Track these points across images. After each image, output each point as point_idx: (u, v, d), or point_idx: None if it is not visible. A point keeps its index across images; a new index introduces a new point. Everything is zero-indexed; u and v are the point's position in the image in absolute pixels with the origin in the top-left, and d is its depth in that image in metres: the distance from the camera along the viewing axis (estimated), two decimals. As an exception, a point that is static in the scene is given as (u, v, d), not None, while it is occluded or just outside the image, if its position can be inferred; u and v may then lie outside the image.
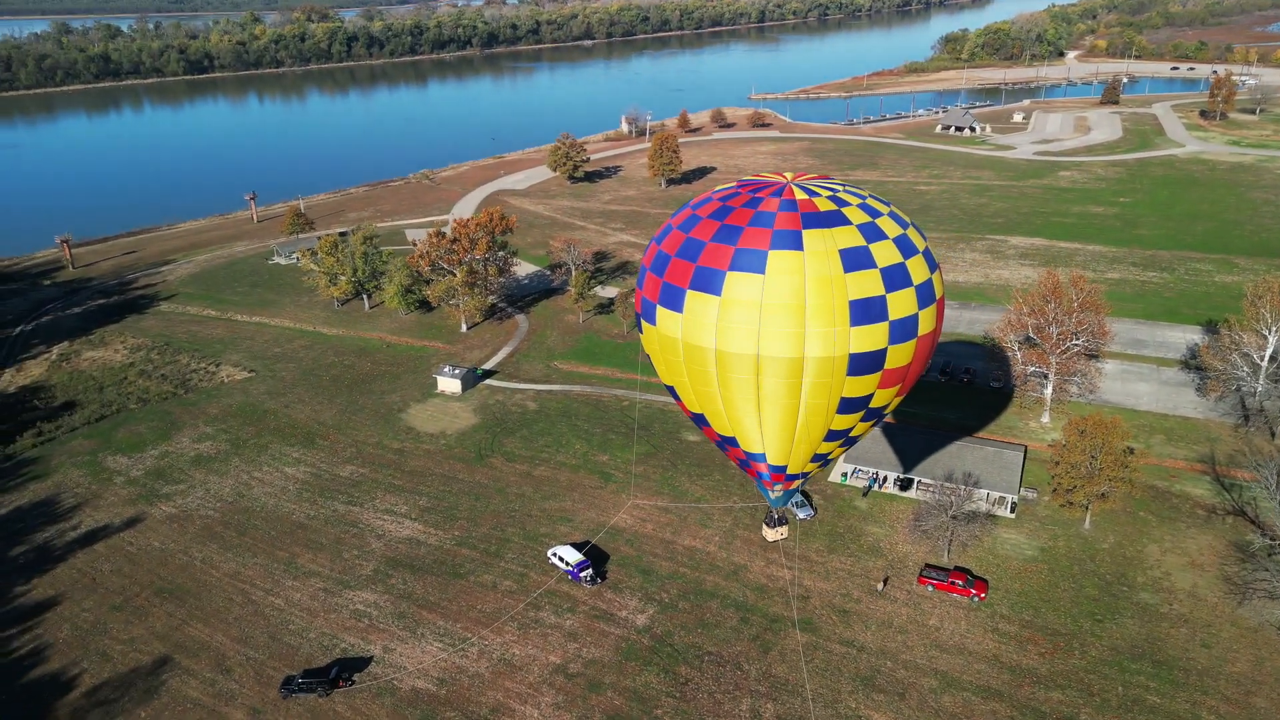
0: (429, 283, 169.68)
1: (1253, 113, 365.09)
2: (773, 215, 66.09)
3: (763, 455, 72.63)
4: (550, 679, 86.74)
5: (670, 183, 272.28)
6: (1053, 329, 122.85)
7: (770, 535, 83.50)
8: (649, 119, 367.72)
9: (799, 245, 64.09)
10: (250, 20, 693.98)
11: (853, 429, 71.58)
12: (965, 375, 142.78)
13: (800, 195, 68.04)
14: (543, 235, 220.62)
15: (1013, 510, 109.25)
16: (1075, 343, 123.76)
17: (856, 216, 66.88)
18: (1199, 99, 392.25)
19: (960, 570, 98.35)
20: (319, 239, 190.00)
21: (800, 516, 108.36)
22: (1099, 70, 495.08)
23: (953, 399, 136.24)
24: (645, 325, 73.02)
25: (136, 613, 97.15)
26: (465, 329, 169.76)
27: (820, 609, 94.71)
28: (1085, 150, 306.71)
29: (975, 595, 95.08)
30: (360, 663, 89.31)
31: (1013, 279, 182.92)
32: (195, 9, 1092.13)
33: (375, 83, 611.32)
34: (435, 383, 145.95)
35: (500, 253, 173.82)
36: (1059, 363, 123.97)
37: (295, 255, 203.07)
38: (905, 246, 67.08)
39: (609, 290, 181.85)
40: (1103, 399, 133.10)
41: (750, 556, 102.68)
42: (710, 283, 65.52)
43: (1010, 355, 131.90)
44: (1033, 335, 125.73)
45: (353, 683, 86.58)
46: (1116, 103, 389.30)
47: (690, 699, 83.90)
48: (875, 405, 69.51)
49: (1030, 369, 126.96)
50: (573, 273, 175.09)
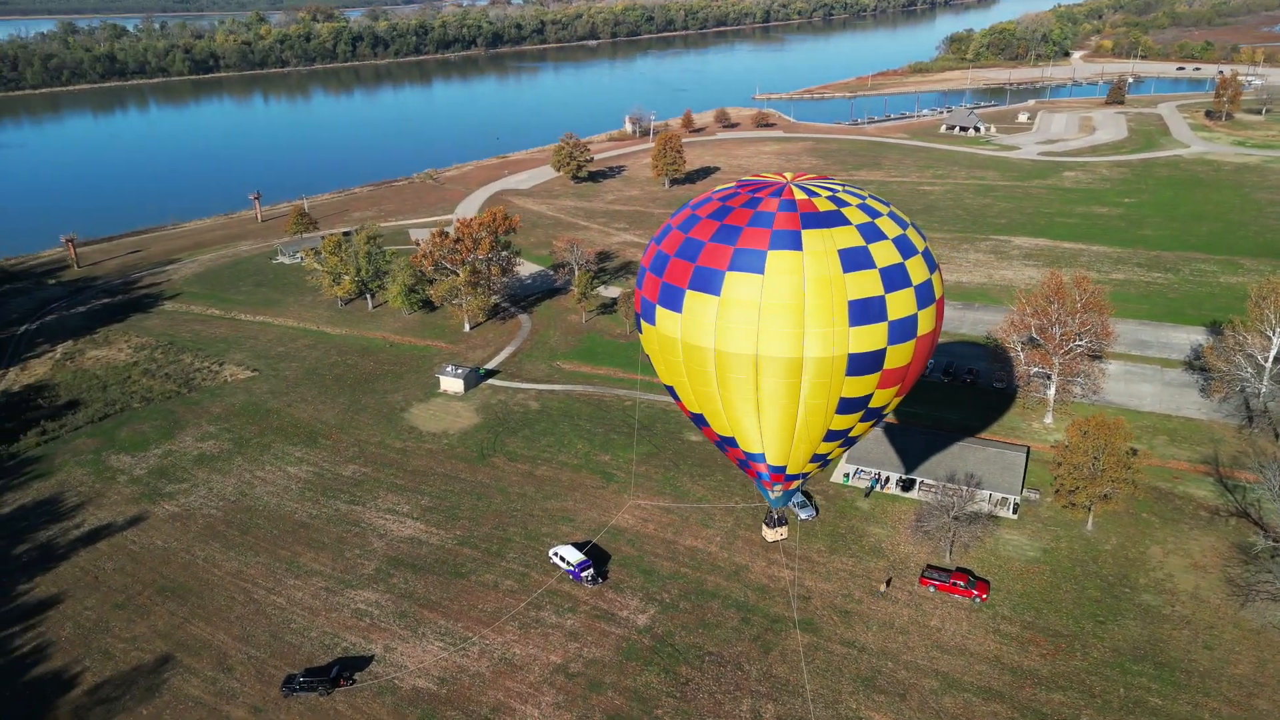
0: (432, 282, 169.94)
1: (1258, 113, 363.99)
2: (772, 215, 66.03)
3: (762, 455, 72.59)
4: (551, 678, 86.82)
5: (674, 183, 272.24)
6: (1056, 330, 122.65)
7: (770, 535, 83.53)
8: (653, 119, 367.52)
9: (798, 245, 64.03)
10: (255, 20, 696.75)
11: (852, 429, 71.51)
12: (968, 376, 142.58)
13: (799, 195, 67.98)
14: (546, 235, 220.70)
15: (1015, 511, 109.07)
16: (1078, 343, 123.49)
17: (856, 217, 66.79)
18: (1205, 99, 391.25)
19: (962, 571, 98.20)
20: (323, 238, 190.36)
21: (802, 517, 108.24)
22: (1104, 70, 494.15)
23: (956, 400, 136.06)
24: (645, 325, 73.06)
25: (139, 611, 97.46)
26: (468, 329, 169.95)
27: (822, 609, 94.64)
28: (1090, 150, 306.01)
29: (977, 596, 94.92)
30: (361, 662, 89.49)
31: (1016, 279, 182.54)
32: (201, 9, 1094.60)
33: (380, 83, 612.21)
34: (438, 382, 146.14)
35: (503, 252, 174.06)
36: (1062, 363, 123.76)
37: (299, 255, 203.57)
38: (904, 247, 66.96)
39: (612, 290, 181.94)
40: (1106, 400, 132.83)
41: (752, 557, 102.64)
42: (709, 283, 65.49)
43: (1013, 356, 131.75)
44: (1036, 336, 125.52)
45: (354, 681, 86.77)
46: (1122, 103, 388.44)
47: (691, 699, 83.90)
48: (874, 405, 69.42)
49: (1033, 370, 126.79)
50: (576, 273, 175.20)
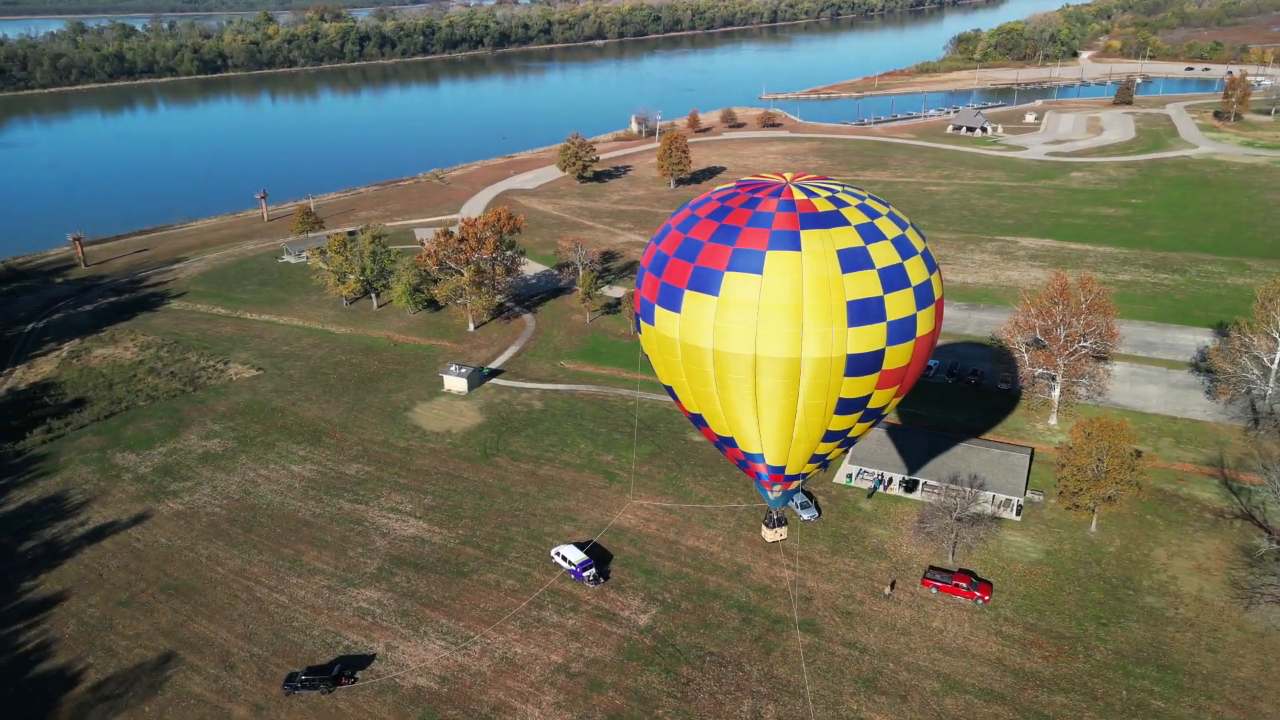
0: (437, 282, 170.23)
1: (1267, 113, 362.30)
2: (771, 216, 65.97)
3: (761, 456, 72.53)
4: (552, 678, 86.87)
5: (679, 183, 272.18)
6: (1060, 331, 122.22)
7: (769, 536, 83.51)
8: (659, 119, 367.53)
9: (797, 246, 63.94)
10: (263, 20, 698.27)
11: (851, 429, 71.40)
12: (973, 377, 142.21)
13: (799, 196, 67.90)
14: (551, 235, 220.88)
15: (1018, 513, 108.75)
16: (1083, 345, 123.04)
17: (855, 217, 66.67)
18: (1213, 100, 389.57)
19: (964, 572, 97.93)
20: (328, 238, 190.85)
21: (804, 518, 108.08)
22: (1112, 70, 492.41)
23: (960, 401, 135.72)
24: (644, 325, 73.02)
25: (142, 609, 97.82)
26: (472, 328, 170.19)
27: (823, 610, 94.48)
28: (1097, 151, 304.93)
29: (979, 598, 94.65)
30: (363, 660, 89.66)
31: (1022, 280, 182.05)
32: (209, 9, 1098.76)
33: (387, 82, 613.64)
34: (442, 381, 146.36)
35: (508, 252, 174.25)
36: (1067, 365, 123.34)
37: (304, 254, 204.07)
38: (904, 247, 66.82)
39: (616, 290, 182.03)
40: (1111, 401, 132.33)
41: (754, 557, 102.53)
42: (708, 283, 65.45)
43: (1018, 357, 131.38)
44: (1040, 337, 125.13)
45: (355, 680, 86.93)
46: (1130, 103, 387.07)
47: (691, 699, 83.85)
48: (873, 406, 69.30)
49: (1038, 371, 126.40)
50: (580, 272, 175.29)
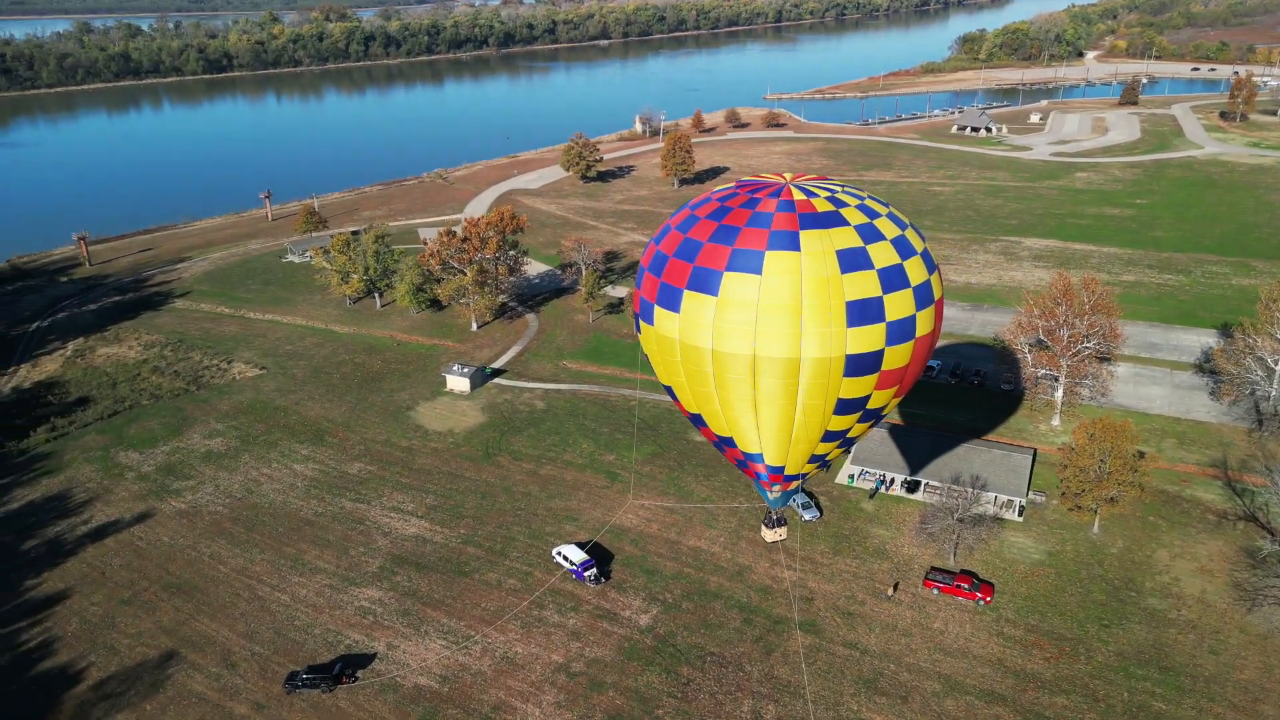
0: (440, 281, 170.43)
1: (1273, 114, 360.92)
2: (770, 216, 65.89)
3: (760, 456, 72.47)
4: (552, 678, 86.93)
5: (683, 183, 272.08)
6: (1064, 331, 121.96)
7: (769, 536, 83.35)
8: (663, 119, 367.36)
9: (796, 246, 63.86)
10: (269, 20, 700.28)
11: (850, 430, 71.32)
12: (976, 377, 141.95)
13: (798, 196, 67.81)
14: (554, 235, 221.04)
15: (1020, 514, 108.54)
16: (1086, 345, 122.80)
17: (854, 217, 66.58)
18: (1219, 100, 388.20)
19: (966, 573, 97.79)
20: (332, 237, 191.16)
21: (806, 518, 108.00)
22: (1118, 71, 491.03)
23: (963, 401, 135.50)
24: (643, 325, 72.96)
25: (144, 607, 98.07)
26: (475, 328, 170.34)
27: (824, 611, 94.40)
28: (1102, 151, 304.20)
29: (981, 599, 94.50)
30: (364, 659, 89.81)
31: (1026, 281, 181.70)
32: (215, 9, 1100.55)
33: (392, 82, 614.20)
34: (444, 381, 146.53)
35: (511, 252, 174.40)
36: (1070, 365, 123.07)
37: (308, 253, 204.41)
38: (903, 248, 66.72)
39: (619, 290, 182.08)
40: (1115, 402, 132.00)
41: (755, 558, 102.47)
42: (707, 283, 65.39)
43: (1021, 358, 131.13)
44: (1044, 338, 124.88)
45: (356, 679, 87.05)
46: (1135, 103, 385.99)
47: (692, 699, 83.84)
48: (872, 406, 69.20)
49: (1041, 372, 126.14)
50: (583, 272, 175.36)
